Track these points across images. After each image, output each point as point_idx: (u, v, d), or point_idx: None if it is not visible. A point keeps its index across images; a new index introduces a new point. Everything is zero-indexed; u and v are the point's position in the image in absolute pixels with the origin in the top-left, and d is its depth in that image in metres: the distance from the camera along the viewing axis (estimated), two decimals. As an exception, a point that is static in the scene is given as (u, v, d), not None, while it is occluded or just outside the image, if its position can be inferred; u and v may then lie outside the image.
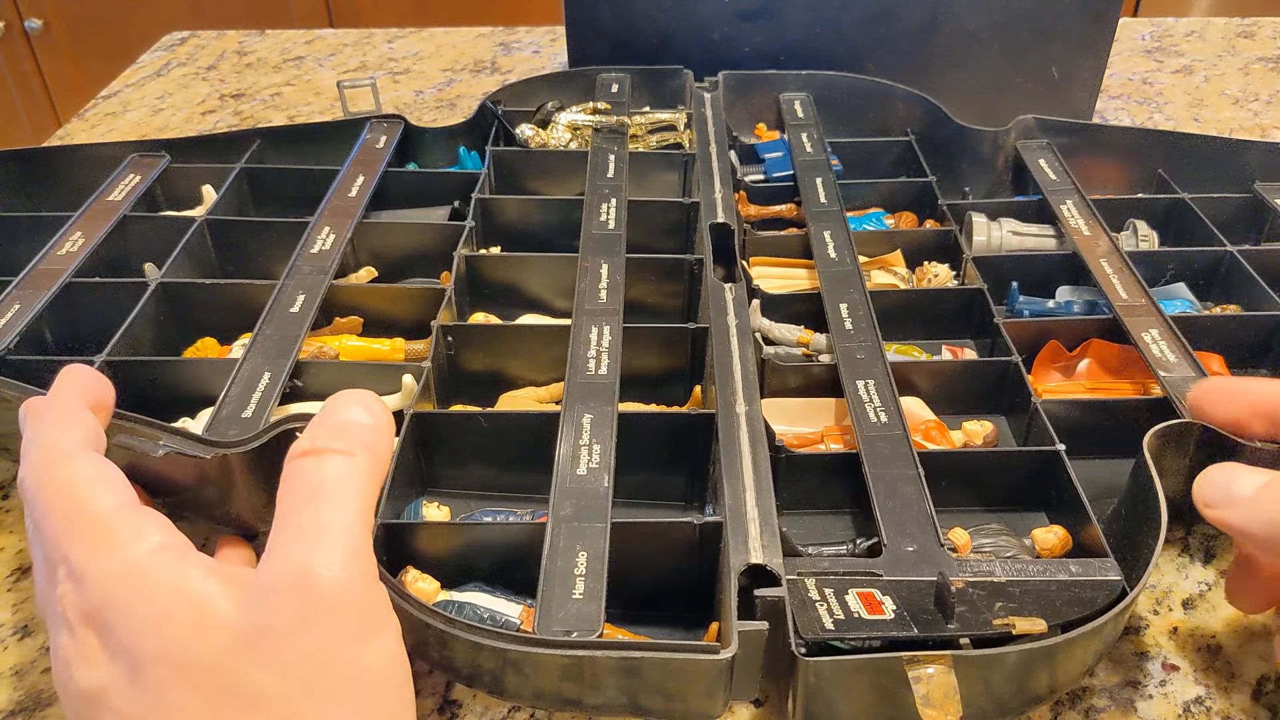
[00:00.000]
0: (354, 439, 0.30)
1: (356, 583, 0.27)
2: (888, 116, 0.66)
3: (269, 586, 0.26)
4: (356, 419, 0.31)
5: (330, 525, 0.27)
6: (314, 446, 0.29)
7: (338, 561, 0.27)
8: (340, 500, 0.28)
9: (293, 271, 0.50)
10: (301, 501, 0.28)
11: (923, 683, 0.32)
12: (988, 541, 0.40)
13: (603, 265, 0.50)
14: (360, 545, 0.28)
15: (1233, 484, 0.34)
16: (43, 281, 0.50)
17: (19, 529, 0.46)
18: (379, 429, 0.31)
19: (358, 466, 0.29)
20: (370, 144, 0.61)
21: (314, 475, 0.29)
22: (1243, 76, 0.82)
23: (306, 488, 0.28)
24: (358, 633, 0.27)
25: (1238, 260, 0.52)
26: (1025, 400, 0.44)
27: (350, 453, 0.29)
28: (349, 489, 0.28)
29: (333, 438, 0.30)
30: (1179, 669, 0.38)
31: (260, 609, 0.26)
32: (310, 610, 0.26)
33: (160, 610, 0.26)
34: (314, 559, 0.26)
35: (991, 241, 0.56)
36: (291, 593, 0.26)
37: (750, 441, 0.40)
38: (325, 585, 0.26)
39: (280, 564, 0.26)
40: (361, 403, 0.32)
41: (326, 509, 0.28)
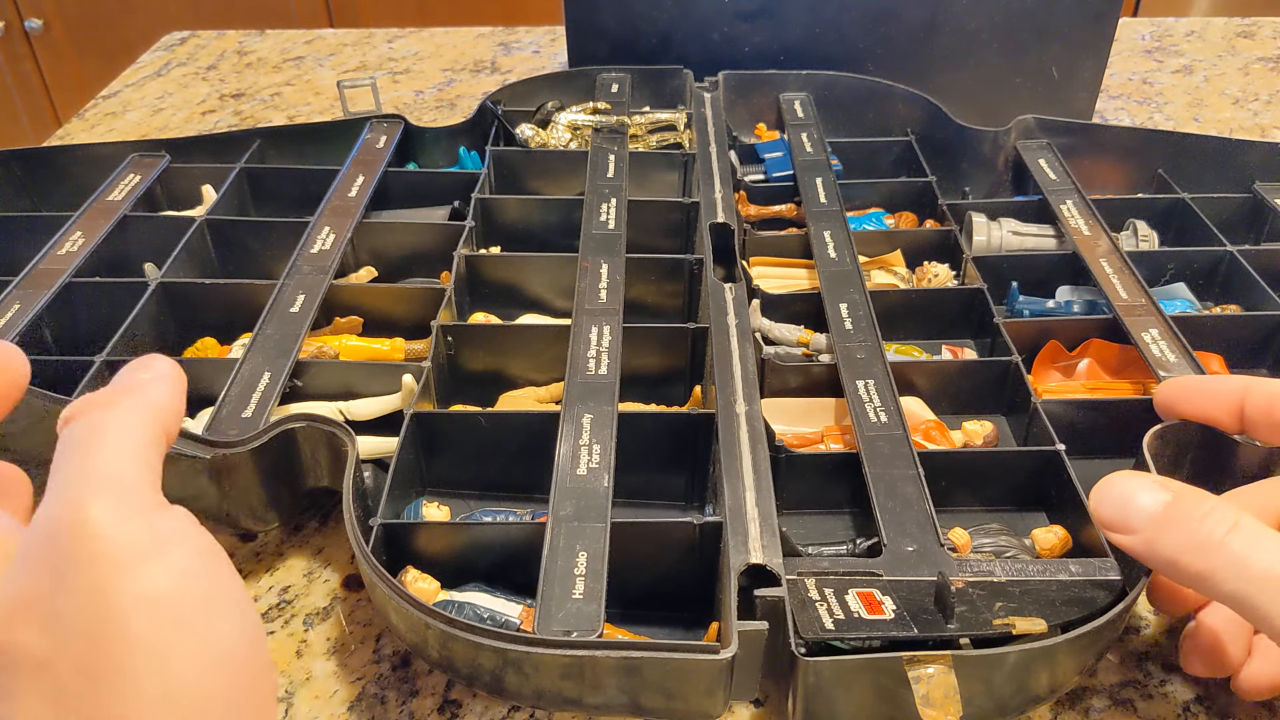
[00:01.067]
0: (114, 391, 0.28)
1: (118, 515, 0.25)
2: (888, 116, 0.66)
3: (28, 550, 0.25)
4: (129, 377, 0.29)
5: (87, 469, 0.25)
6: (76, 409, 0.27)
7: (93, 500, 0.24)
8: (99, 444, 0.26)
9: (293, 271, 0.50)
10: (61, 459, 0.26)
11: (923, 683, 0.32)
12: (988, 541, 0.40)
13: (603, 265, 0.50)
14: (122, 477, 0.25)
15: (1131, 503, 0.32)
16: (43, 281, 0.50)
17: (19, 529, 0.45)
18: (156, 378, 0.29)
19: (124, 410, 0.27)
20: (370, 144, 0.61)
21: (76, 432, 0.27)
22: (1243, 76, 0.82)
23: (67, 446, 0.26)
24: (130, 560, 0.24)
25: (1238, 260, 0.52)
26: (1025, 400, 0.44)
27: (114, 403, 0.27)
28: (109, 431, 0.26)
29: (96, 397, 0.28)
30: (1179, 669, 0.38)
31: (21, 573, 0.24)
32: (67, 555, 0.24)
33: None
34: (68, 505, 0.24)
35: (991, 241, 0.56)
36: (45, 546, 0.24)
37: (750, 441, 0.40)
38: (81, 527, 0.24)
39: (38, 523, 0.25)
40: (141, 364, 0.29)
41: (84, 457, 0.26)
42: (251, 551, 0.45)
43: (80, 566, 0.24)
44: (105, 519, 0.24)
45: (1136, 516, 0.31)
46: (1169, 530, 0.31)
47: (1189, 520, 0.30)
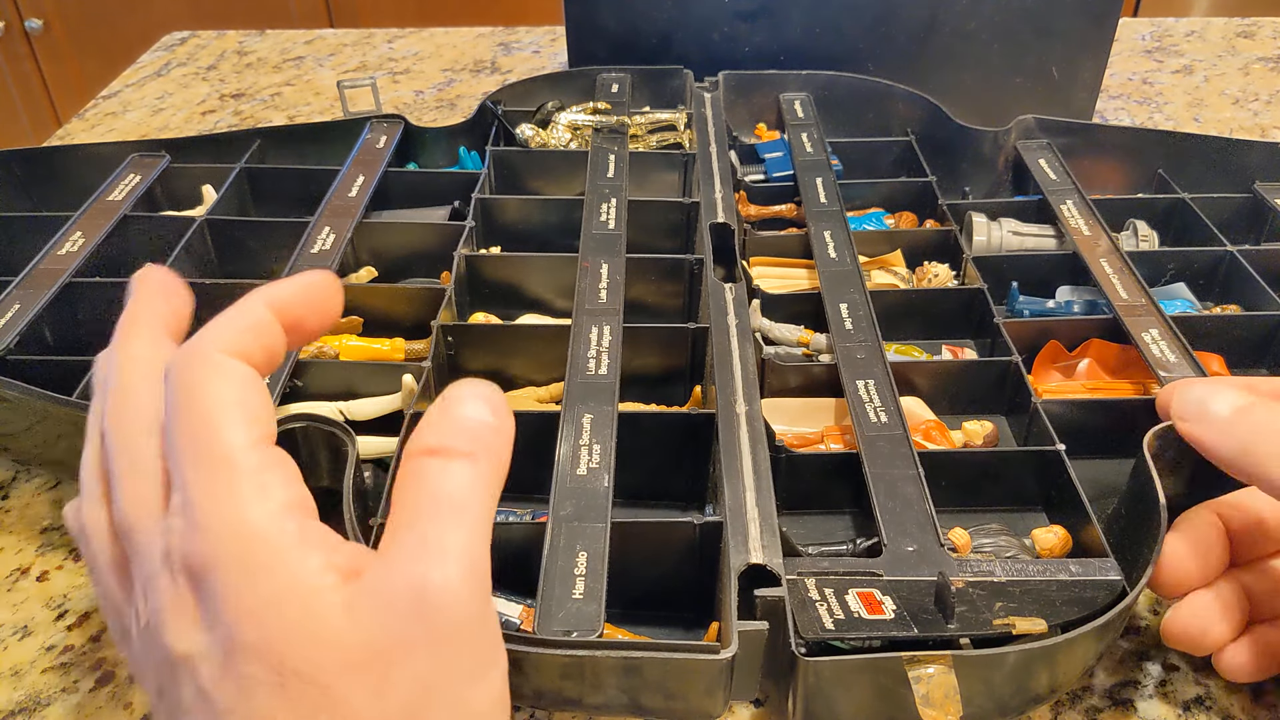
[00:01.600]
0: (479, 441, 0.27)
1: (475, 609, 0.25)
2: (888, 116, 0.66)
3: (386, 601, 0.24)
4: (480, 416, 0.28)
5: (454, 542, 0.25)
6: (440, 445, 0.27)
7: (458, 583, 0.24)
8: (465, 513, 0.25)
9: (293, 271, 0.50)
10: (425, 509, 0.25)
11: (923, 682, 0.32)
12: (988, 541, 0.40)
13: (603, 265, 0.50)
14: (482, 567, 0.25)
15: (1209, 400, 0.33)
16: (43, 281, 0.50)
17: (19, 529, 0.46)
18: (502, 430, 0.28)
19: (482, 473, 0.27)
20: (370, 144, 0.61)
21: (437, 480, 0.26)
22: (1243, 76, 0.82)
23: (430, 493, 0.26)
24: (470, 667, 0.25)
25: (1238, 260, 0.52)
26: (1025, 400, 0.44)
27: (475, 457, 0.27)
28: (474, 500, 0.26)
29: (457, 436, 0.27)
30: (1179, 669, 0.38)
31: (374, 625, 0.24)
32: (425, 635, 0.24)
33: (268, 597, 0.24)
34: (434, 577, 0.24)
35: (991, 241, 0.56)
36: (409, 612, 0.24)
37: (750, 441, 0.40)
38: (445, 609, 0.24)
39: (399, 577, 0.24)
40: (485, 398, 0.28)
41: (450, 522, 0.25)
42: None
43: (432, 649, 0.24)
44: (469, 613, 0.24)
45: (1216, 409, 0.33)
46: (1244, 420, 0.33)
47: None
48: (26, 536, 0.45)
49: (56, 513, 0.46)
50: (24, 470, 0.49)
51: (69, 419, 0.41)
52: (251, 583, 0.24)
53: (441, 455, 0.26)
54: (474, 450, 0.27)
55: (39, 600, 0.42)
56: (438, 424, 0.27)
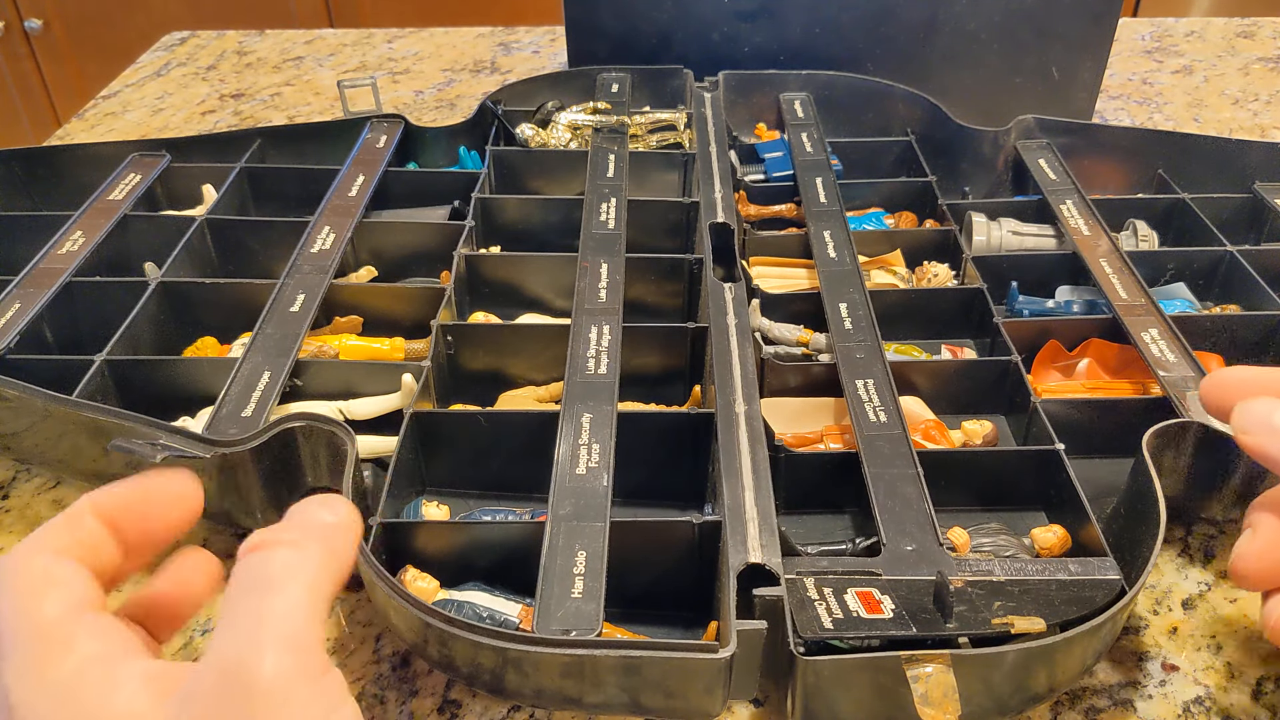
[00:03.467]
0: (308, 533, 0.28)
1: (293, 676, 0.24)
2: (888, 116, 0.66)
3: (195, 689, 0.24)
4: (316, 517, 0.28)
5: (266, 615, 0.25)
6: (263, 540, 0.27)
7: (271, 655, 0.24)
8: (281, 589, 0.25)
9: (293, 271, 0.50)
10: (240, 594, 0.26)
11: (921, 682, 0.32)
12: (987, 541, 0.40)
13: (602, 265, 0.50)
14: (301, 635, 0.25)
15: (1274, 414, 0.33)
16: (43, 281, 0.50)
17: (19, 529, 0.46)
18: (340, 526, 0.29)
19: (308, 557, 0.27)
20: (370, 143, 0.61)
21: (258, 568, 0.26)
22: (1242, 76, 0.82)
23: (248, 580, 0.26)
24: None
25: (1237, 260, 0.52)
26: (1025, 400, 0.44)
27: (299, 544, 0.27)
28: (293, 578, 0.26)
29: (285, 531, 0.27)
30: (1179, 669, 0.38)
31: (189, 710, 0.24)
32: (238, 704, 0.24)
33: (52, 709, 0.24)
34: (244, 653, 0.24)
35: (991, 241, 0.56)
36: (219, 693, 0.24)
37: (749, 441, 0.40)
38: (255, 682, 0.24)
39: (209, 662, 0.24)
40: (325, 503, 0.29)
41: (265, 599, 0.25)
42: (251, 551, 0.45)
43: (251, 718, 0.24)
44: (282, 679, 0.24)
45: None
46: None
47: None
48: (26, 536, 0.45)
49: (56, 513, 0.46)
50: (24, 470, 0.49)
51: (69, 418, 0.41)
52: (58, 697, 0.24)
53: (263, 548, 0.26)
54: (300, 540, 0.27)
55: (39, 599, 0.42)
56: (270, 528, 0.28)
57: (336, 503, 0.29)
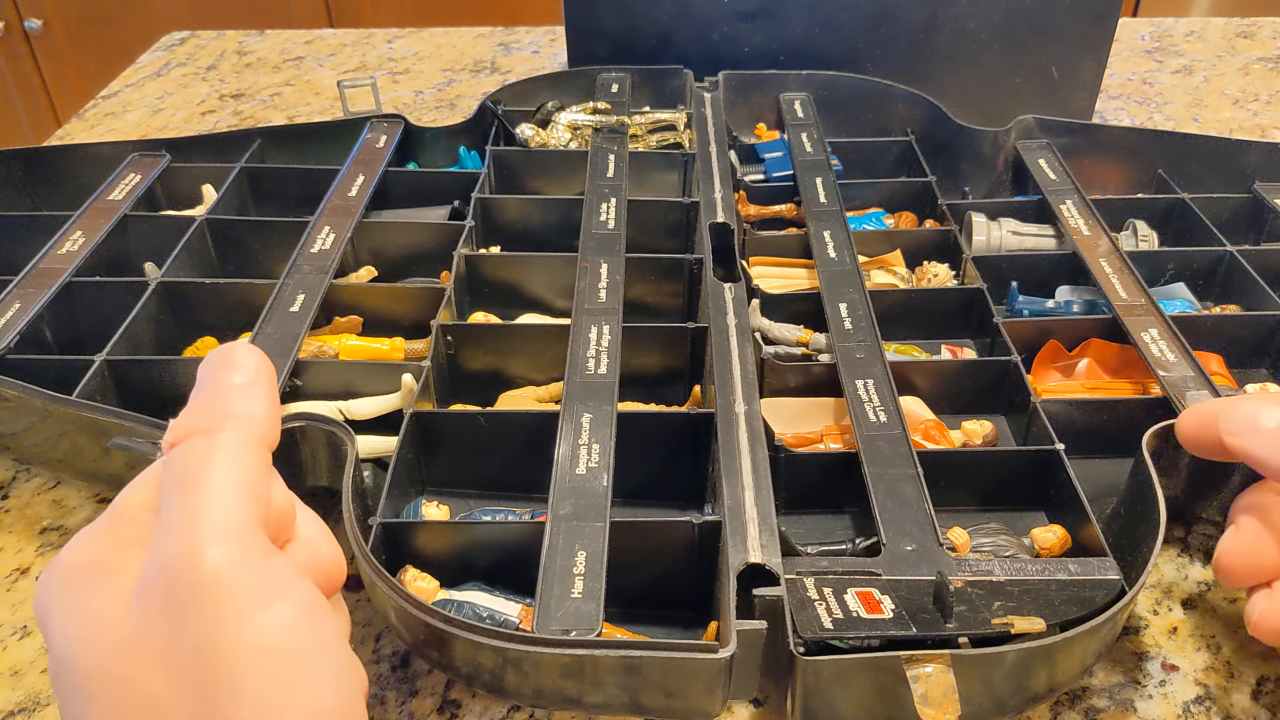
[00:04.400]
0: (218, 413, 0.28)
1: (234, 564, 0.25)
2: (888, 116, 0.66)
3: (142, 585, 0.25)
4: (225, 383, 0.29)
5: (193, 508, 0.26)
6: (175, 436, 0.28)
7: (207, 549, 0.25)
8: (205, 481, 0.26)
9: (293, 271, 0.50)
10: (170, 492, 0.26)
11: (921, 682, 0.32)
12: (987, 541, 0.40)
13: (602, 265, 0.50)
14: (232, 523, 0.26)
15: (1260, 414, 0.34)
16: (43, 281, 0.50)
17: (19, 529, 0.46)
18: (247, 388, 0.29)
19: (224, 441, 0.27)
20: (370, 143, 0.61)
21: (179, 462, 0.27)
22: (1242, 76, 0.82)
23: (175, 476, 0.27)
24: (241, 611, 0.25)
25: (1237, 260, 0.52)
26: (1024, 400, 0.44)
27: (213, 429, 0.27)
28: (214, 467, 0.26)
29: (196, 419, 0.28)
30: (1179, 669, 0.38)
31: (139, 610, 0.25)
32: (181, 600, 0.25)
33: (62, 622, 0.26)
34: (176, 546, 0.25)
35: (991, 241, 0.56)
36: (161, 586, 0.25)
37: (749, 441, 0.40)
38: (192, 571, 0.25)
39: (153, 564, 0.25)
40: (230, 362, 0.29)
41: (190, 494, 0.26)
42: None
43: (196, 612, 0.24)
44: (220, 566, 0.25)
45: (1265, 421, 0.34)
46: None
47: None
48: (26, 536, 0.45)
49: (56, 513, 0.46)
50: (24, 470, 0.49)
51: (69, 418, 0.41)
52: (55, 615, 0.26)
53: (177, 442, 0.27)
54: (211, 424, 0.28)
55: (39, 599, 0.42)
56: (183, 414, 0.28)
57: (237, 355, 0.30)
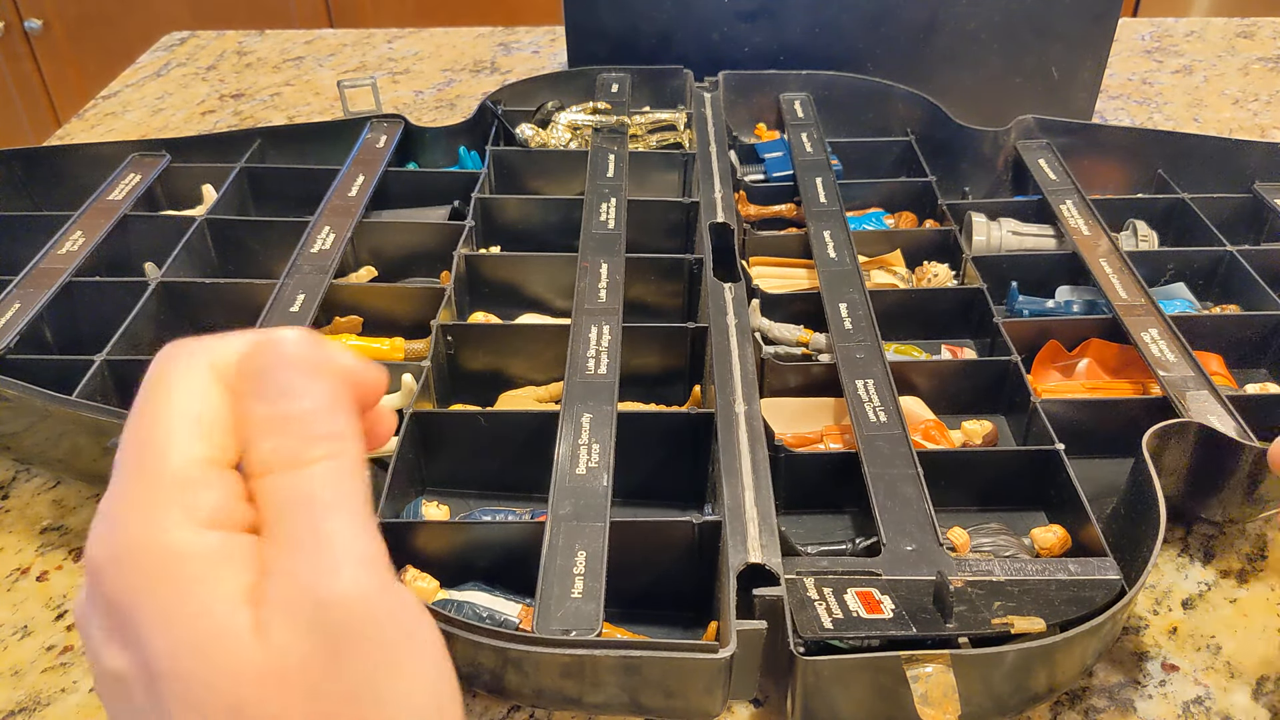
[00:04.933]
0: (323, 439, 0.26)
1: (373, 594, 0.24)
2: (888, 116, 0.66)
3: (289, 619, 0.23)
4: (317, 402, 0.26)
5: (330, 537, 0.24)
6: (294, 458, 0.25)
7: (355, 574, 0.24)
8: (337, 506, 0.25)
9: (293, 271, 0.50)
10: (300, 513, 0.25)
11: (921, 681, 0.32)
12: (987, 541, 0.40)
13: (602, 265, 0.50)
14: (370, 550, 0.25)
15: None
16: (43, 280, 0.50)
17: (19, 529, 0.46)
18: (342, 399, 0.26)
19: (346, 468, 0.25)
20: (370, 143, 0.61)
21: (304, 487, 0.25)
22: (1242, 76, 0.82)
23: (298, 497, 0.25)
24: (399, 658, 0.24)
25: (1237, 260, 0.52)
26: (1024, 400, 0.44)
27: (337, 453, 0.25)
28: (345, 489, 0.25)
29: (308, 443, 0.25)
30: (1179, 669, 0.38)
31: (281, 646, 0.23)
32: (337, 636, 0.24)
33: (179, 628, 0.23)
34: (325, 579, 0.24)
35: (991, 241, 0.56)
36: (311, 616, 0.23)
37: (749, 441, 0.40)
38: (348, 605, 0.23)
39: (294, 585, 0.24)
40: (312, 370, 0.26)
41: (323, 521, 0.25)
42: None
43: (354, 651, 0.23)
44: (376, 602, 0.24)
45: None
46: None
47: None
48: (26, 536, 0.45)
49: (56, 512, 0.46)
50: (24, 470, 0.49)
51: (69, 418, 0.41)
52: (163, 610, 0.24)
53: (299, 465, 0.25)
54: (332, 447, 0.25)
55: (39, 600, 0.42)
56: (277, 426, 0.25)
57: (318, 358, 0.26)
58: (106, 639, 0.24)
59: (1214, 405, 0.42)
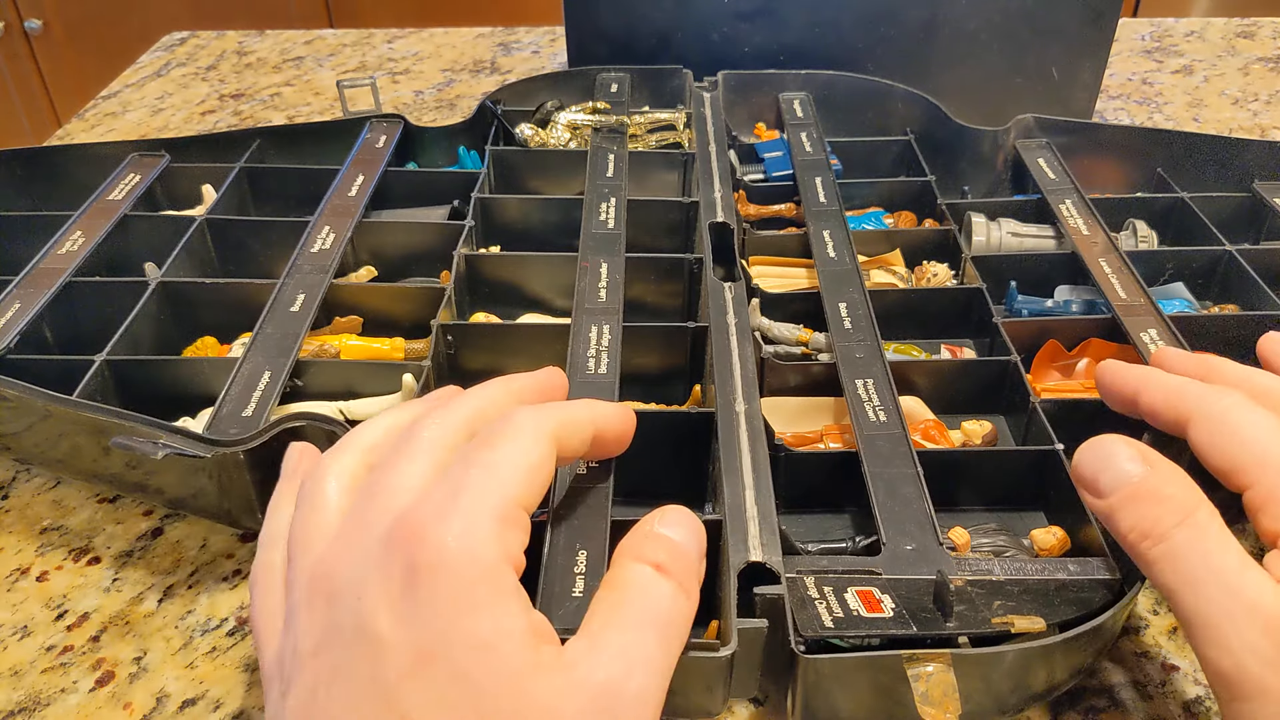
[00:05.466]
0: (693, 573, 0.30)
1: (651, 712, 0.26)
2: (887, 116, 0.66)
3: (589, 693, 0.25)
4: (692, 547, 0.30)
5: (655, 656, 0.27)
6: (662, 564, 0.29)
7: (648, 696, 0.26)
8: (673, 635, 0.28)
9: (293, 270, 0.50)
10: (634, 618, 0.27)
11: (922, 681, 0.32)
12: (986, 541, 0.40)
13: (602, 264, 0.50)
14: (666, 684, 0.27)
15: (1109, 467, 0.31)
16: (43, 281, 0.50)
17: (19, 529, 0.46)
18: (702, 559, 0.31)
19: (689, 603, 0.29)
20: (370, 143, 0.61)
21: (650, 593, 0.28)
22: (1242, 76, 0.82)
23: (642, 605, 0.28)
24: None
25: (1237, 260, 0.52)
26: (1024, 400, 0.44)
27: (690, 591, 0.29)
28: (681, 625, 0.28)
29: (676, 563, 0.29)
30: (1179, 669, 0.38)
31: (572, 710, 0.25)
32: None
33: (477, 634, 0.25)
34: (632, 687, 0.26)
35: (990, 241, 0.56)
36: (603, 710, 0.25)
37: (749, 440, 0.41)
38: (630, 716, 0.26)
39: (603, 673, 0.26)
40: (695, 531, 0.31)
41: (659, 637, 0.27)
42: (251, 551, 0.45)
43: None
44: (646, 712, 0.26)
45: (1109, 482, 0.31)
46: (1130, 505, 0.30)
47: (1149, 500, 0.30)
48: (26, 536, 0.45)
49: (56, 513, 0.46)
50: (24, 470, 0.49)
51: (69, 418, 0.41)
52: (464, 611, 0.25)
53: (661, 572, 0.28)
54: (688, 584, 0.29)
55: (39, 600, 0.42)
56: (656, 541, 0.29)
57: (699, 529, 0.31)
58: (379, 594, 0.25)
59: (1214, 405, 0.42)
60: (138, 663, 0.39)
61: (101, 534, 0.45)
